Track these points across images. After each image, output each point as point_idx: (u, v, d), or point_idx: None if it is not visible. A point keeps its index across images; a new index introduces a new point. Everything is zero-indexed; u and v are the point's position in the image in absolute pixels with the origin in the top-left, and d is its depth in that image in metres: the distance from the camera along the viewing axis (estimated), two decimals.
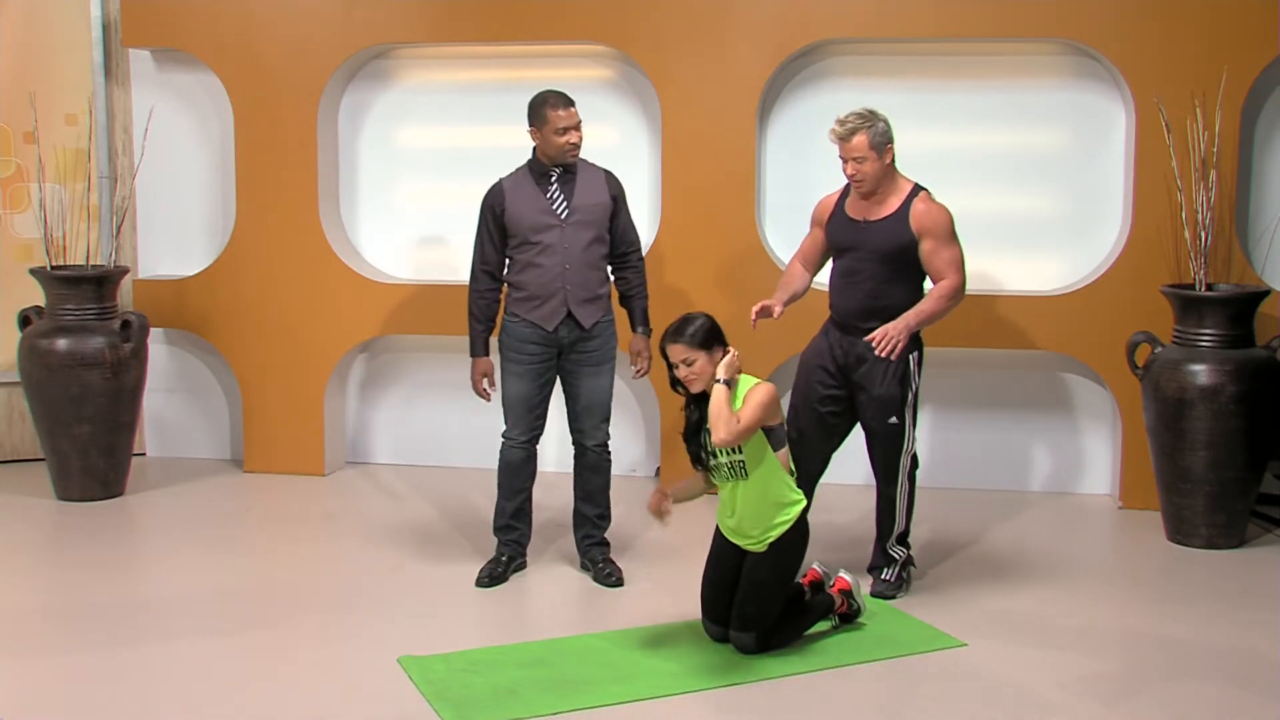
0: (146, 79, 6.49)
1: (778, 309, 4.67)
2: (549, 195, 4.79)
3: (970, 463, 6.09)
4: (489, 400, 4.97)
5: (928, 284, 4.69)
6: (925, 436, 6.09)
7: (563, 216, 4.77)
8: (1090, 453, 6.02)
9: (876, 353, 4.51)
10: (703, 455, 4.19)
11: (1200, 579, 4.90)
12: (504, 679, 3.96)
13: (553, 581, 4.86)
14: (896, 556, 4.73)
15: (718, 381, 4.06)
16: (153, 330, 6.16)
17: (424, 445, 6.48)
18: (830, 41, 5.92)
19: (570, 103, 4.75)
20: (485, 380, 4.93)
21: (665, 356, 4.16)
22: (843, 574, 4.44)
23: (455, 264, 6.34)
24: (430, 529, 5.47)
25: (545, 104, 4.75)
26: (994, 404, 6.08)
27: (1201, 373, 5.13)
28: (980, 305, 5.79)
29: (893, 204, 4.60)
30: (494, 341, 4.94)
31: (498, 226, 4.83)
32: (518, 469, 4.90)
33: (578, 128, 4.76)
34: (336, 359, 6.29)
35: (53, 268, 6.01)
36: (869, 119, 4.54)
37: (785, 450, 4.20)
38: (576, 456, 4.94)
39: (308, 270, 6.22)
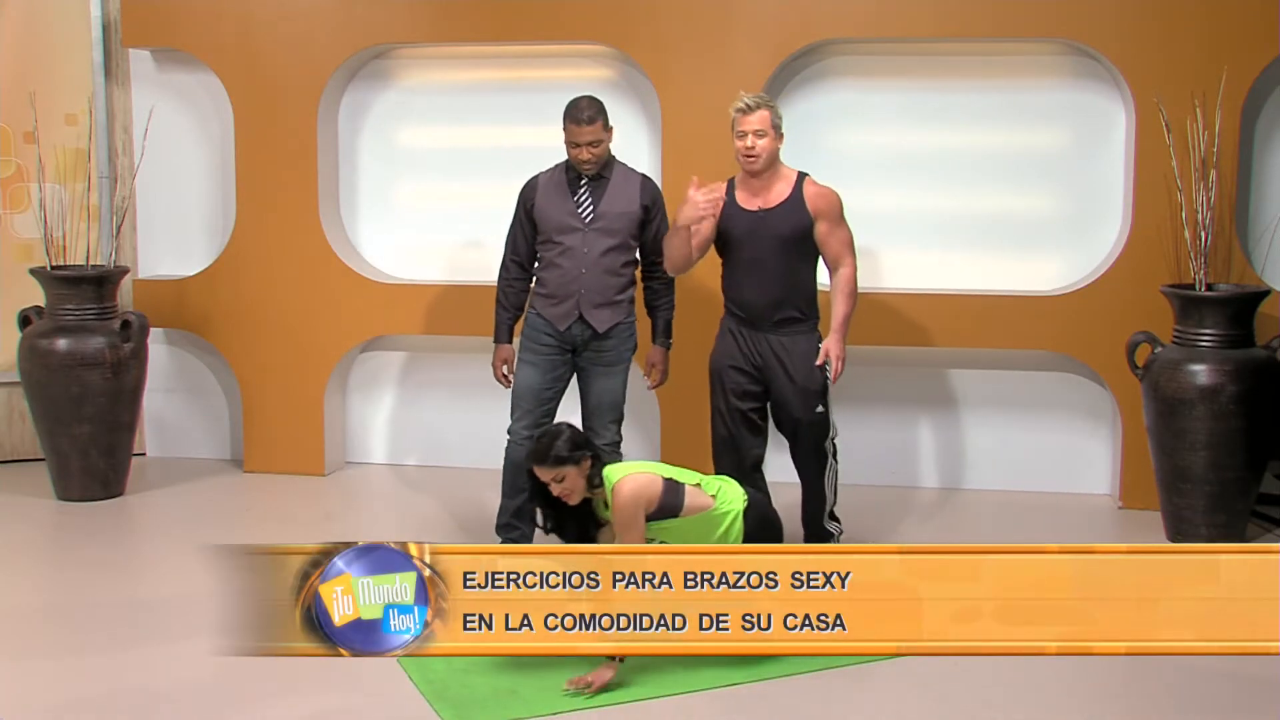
0: (146, 79, 6.48)
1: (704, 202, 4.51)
2: (577, 197, 4.82)
3: (970, 462, 6.09)
4: (509, 386, 5.00)
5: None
6: (926, 437, 6.10)
7: (586, 220, 4.80)
8: (1090, 453, 6.02)
9: (830, 378, 4.64)
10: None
11: None
12: (504, 679, 3.97)
13: None
14: (834, 532, 4.80)
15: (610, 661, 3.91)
16: (153, 330, 6.16)
17: (424, 445, 6.48)
18: (830, 41, 5.92)
19: (589, 120, 4.74)
20: (505, 366, 4.98)
21: (535, 478, 4.07)
22: None
23: (456, 264, 6.34)
24: (430, 529, 5.47)
25: (566, 114, 4.80)
26: (994, 404, 6.08)
27: (1201, 373, 5.13)
28: (980, 305, 5.80)
29: (783, 190, 4.67)
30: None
31: (529, 219, 4.90)
32: (521, 467, 4.90)
33: (592, 145, 4.75)
34: (336, 359, 6.29)
35: (53, 268, 6.01)
36: (770, 100, 4.67)
37: (690, 490, 4.12)
38: None
39: (308, 270, 6.22)
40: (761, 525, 4.19)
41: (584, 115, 4.75)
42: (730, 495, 4.17)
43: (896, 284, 5.99)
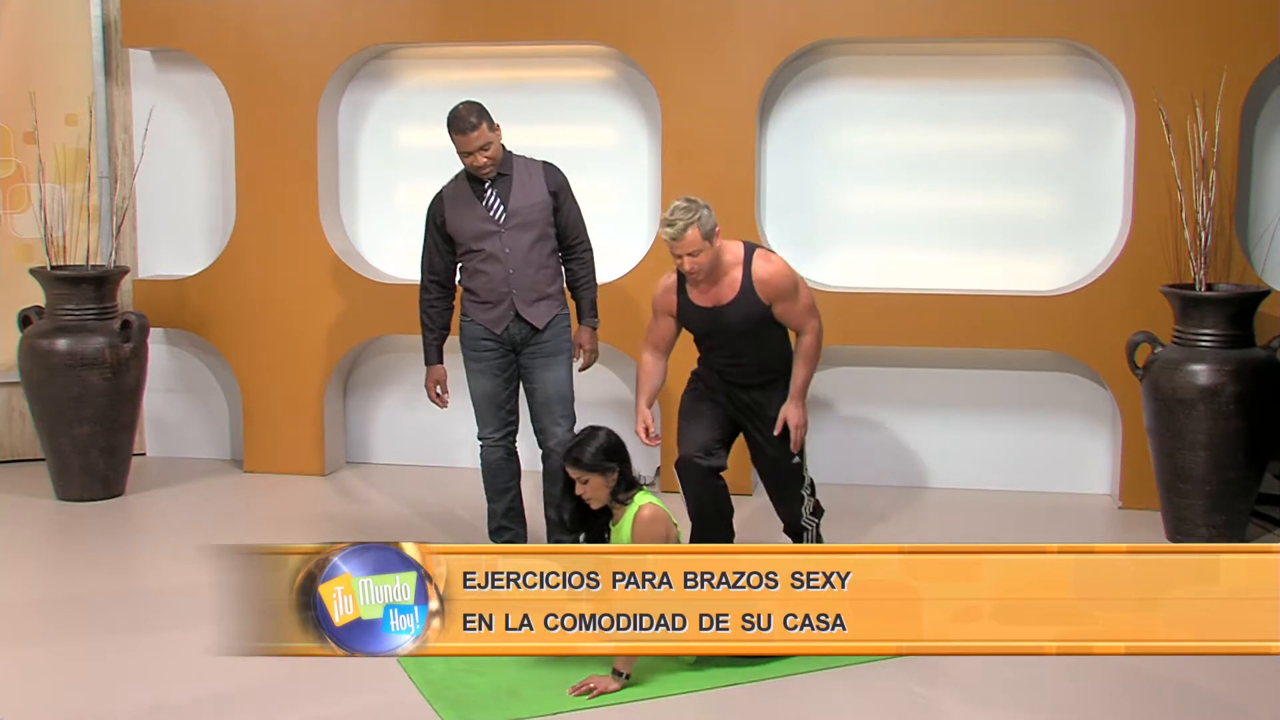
0: (146, 79, 6.49)
1: (652, 422, 4.61)
2: (485, 202, 4.77)
3: (970, 463, 6.09)
4: (444, 407, 5.04)
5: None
6: (926, 437, 6.10)
7: (500, 221, 4.75)
8: (1090, 453, 6.02)
9: (791, 446, 4.54)
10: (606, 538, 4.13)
11: None
12: (504, 679, 3.97)
13: None
14: (809, 526, 4.75)
15: (618, 674, 3.92)
16: (153, 330, 6.16)
17: (424, 445, 6.48)
18: (830, 41, 5.92)
19: (471, 127, 4.64)
20: (438, 387, 4.98)
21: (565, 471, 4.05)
22: None
23: None
24: (430, 529, 5.48)
25: (449, 127, 4.70)
26: (994, 404, 6.08)
27: (1201, 373, 5.13)
28: (980, 305, 5.80)
29: (735, 278, 4.51)
30: (452, 345, 4.98)
31: (443, 237, 4.85)
32: (498, 469, 4.89)
33: (482, 149, 4.68)
34: (336, 359, 6.29)
35: (53, 268, 6.01)
36: (693, 209, 4.40)
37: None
38: (542, 459, 4.88)
39: (308, 270, 6.22)
40: None
41: (467, 124, 4.66)
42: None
43: (897, 284, 5.99)
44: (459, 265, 4.90)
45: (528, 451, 5.03)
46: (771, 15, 5.80)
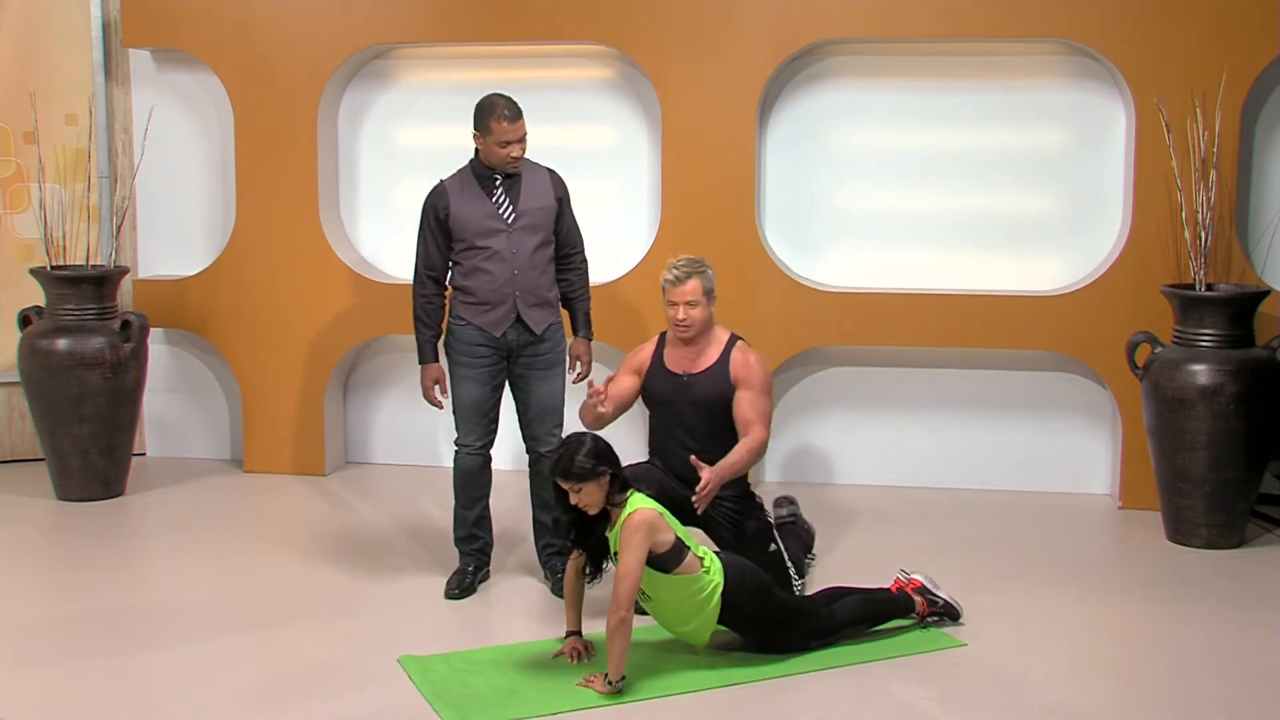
0: (146, 79, 6.49)
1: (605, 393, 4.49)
2: (494, 199, 4.68)
3: (970, 462, 6.09)
4: (442, 408, 4.90)
5: None
6: (926, 437, 6.10)
7: (509, 221, 4.67)
8: (1090, 453, 6.02)
9: (696, 492, 4.35)
10: (605, 564, 4.09)
11: (1200, 579, 4.90)
12: (504, 679, 3.97)
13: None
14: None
15: (609, 683, 3.88)
16: (153, 330, 6.16)
17: (423, 445, 6.48)
18: (830, 41, 5.92)
19: (518, 115, 4.60)
20: (437, 388, 4.84)
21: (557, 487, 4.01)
22: (899, 575, 4.47)
23: None
24: (430, 529, 5.47)
25: (491, 114, 4.60)
26: (994, 404, 6.08)
27: (1201, 373, 5.13)
28: (980, 305, 5.80)
29: (712, 355, 4.59)
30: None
31: (441, 230, 4.72)
32: (475, 477, 4.81)
33: (522, 140, 4.63)
34: (336, 359, 6.29)
35: (53, 268, 6.01)
36: (700, 265, 4.54)
37: (691, 556, 4.01)
38: (531, 464, 4.83)
39: (308, 270, 6.22)
40: (748, 590, 4.09)
41: (516, 111, 4.59)
42: (715, 567, 4.08)
43: (897, 284, 5.99)
44: (454, 264, 4.79)
45: (509, 454, 4.96)
46: (771, 15, 5.81)
